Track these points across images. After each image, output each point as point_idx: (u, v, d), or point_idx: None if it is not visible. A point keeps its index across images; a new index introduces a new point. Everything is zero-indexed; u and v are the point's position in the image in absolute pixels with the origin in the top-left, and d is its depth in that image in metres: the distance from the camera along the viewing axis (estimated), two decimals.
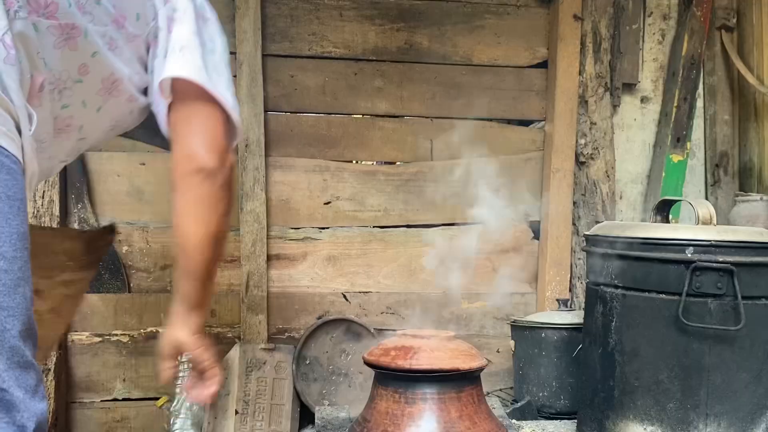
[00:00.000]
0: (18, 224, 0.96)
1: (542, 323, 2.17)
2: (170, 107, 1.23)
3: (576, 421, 1.89)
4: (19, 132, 1.01)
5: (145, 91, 1.28)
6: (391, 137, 2.61)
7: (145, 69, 1.26)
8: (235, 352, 2.38)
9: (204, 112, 1.22)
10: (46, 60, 1.07)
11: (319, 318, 2.52)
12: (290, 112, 2.55)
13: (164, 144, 1.29)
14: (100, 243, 1.58)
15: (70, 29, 1.09)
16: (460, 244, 2.64)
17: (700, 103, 2.84)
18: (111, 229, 1.62)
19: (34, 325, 0.99)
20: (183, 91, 1.22)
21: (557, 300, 2.34)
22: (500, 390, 2.58)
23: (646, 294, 1.61)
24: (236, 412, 2.28)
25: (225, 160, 1.22)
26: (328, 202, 2.57)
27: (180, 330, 1.27)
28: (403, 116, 2.63)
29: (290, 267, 2.54)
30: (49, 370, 2.26)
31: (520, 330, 2.24)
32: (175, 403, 2.26)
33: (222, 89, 1.23)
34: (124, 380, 2.42)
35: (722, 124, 2.82)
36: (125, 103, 1.25)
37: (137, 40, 1.21)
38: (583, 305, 2.23)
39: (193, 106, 1.22)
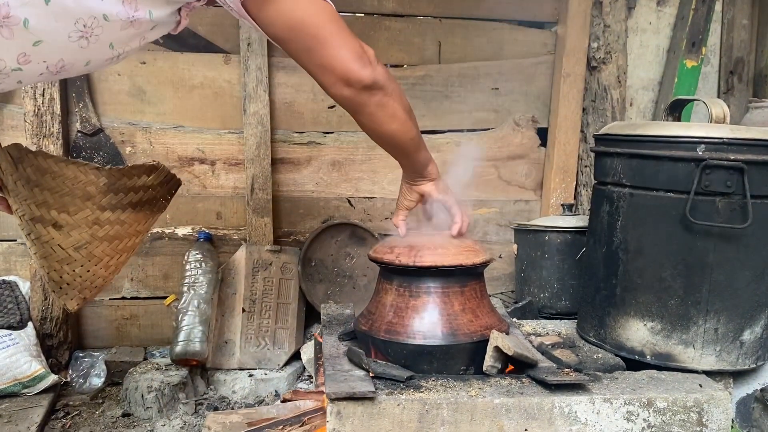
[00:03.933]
0: None
1: (546, 226, 2.17)
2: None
3: (576, 320, 1.92)
4: None
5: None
6: (398, 38, 2.52)
7: None
8: (241, 253, 2.41)
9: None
10: None
11: (324, 222, 2.53)
12: None
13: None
14: (132, 184, 1.39)
15: None
16: (466, 151, 2.60)
17: (718, 7, 2.73)
18: (152, 169, 1.42)
19: None
20: None
21: (562, 205, 2.33)
22: (501, 293, 2.62)
23: (654, 193, 1.60)
24: (243, 310, 2.33)
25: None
26: (333, 106, 2.53)
27: (422, 185, 1.54)
28: (411, 16, 2.53)
29: (295, 171, 2.53)
30: None
31: (524, 233, 2.25)
32: (182, 302, 2.31)
33: None
34: (131, 279, 2.46)
35: (740, 28, 2.72)
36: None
37: None
38: (587, 212, 2.24)
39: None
